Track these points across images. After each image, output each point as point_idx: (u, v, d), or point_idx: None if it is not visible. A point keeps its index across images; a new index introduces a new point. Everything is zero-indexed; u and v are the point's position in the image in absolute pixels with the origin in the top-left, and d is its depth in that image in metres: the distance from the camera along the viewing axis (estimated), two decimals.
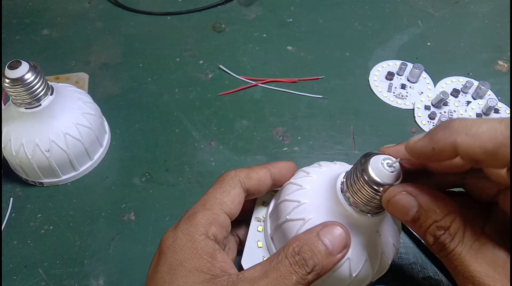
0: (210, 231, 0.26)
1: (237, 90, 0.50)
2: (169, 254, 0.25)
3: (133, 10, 0.59)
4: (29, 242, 0.38)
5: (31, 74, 0.36)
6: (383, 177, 0.24)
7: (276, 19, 0.58)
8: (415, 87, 0.50)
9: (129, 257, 0.38)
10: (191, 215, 0.27)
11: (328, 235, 0.26)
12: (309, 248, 0.25)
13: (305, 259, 0.25)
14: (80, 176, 0.43)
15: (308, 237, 0.26)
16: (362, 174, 0.24)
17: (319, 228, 0.26)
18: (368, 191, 0.25)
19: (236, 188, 0.28)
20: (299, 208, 0.28)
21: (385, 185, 0.24)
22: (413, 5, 0.61)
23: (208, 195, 0.28)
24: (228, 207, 0.28)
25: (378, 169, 0.24)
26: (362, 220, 0.26)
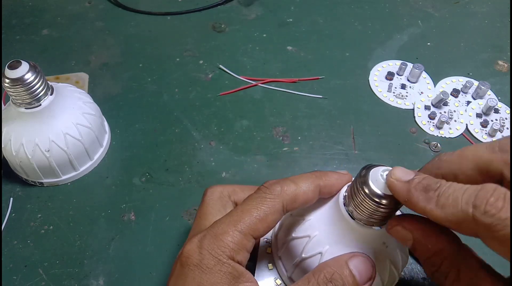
0: (238, 256, 0.25)
1: (237, 90, 0.50)
2: (197, 273, 0.24)
3: (133, 10, 0.59)
4: (29, 242, 0.38)
5: (31, 74, 0.36)
6: (384, 189, 0.24)
7: (276, 19, 0.58)
8: (415, 87, 0.50)
9: (129, 257, 0.38)
10: (219, 233, 0.25)
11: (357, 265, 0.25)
12: (340, 277, 0.25)
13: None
14: (80, 176, 0.43)
15: (338, 265, 0.25)
16: (363, 187, 0.24)
17: (348, 257, 0.25)
18: (370, 204, 0.24)
19: (276, 214, 0.26)
20: (304, 225, 0.27)
21: (386, 197, 0.24)
22: (413, 5, 0.60)
23: (243, 214, 0.25)
24: (260, 234, 0.26)
25: (378, 181, 0.24)
26: (367, 233, 0.26)
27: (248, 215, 0.25)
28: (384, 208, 0.24)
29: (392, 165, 0.30)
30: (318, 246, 0.27)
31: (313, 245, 0.27)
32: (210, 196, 0.30)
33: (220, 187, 0.31)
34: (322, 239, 0.27)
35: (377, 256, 0.27)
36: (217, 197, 0.30)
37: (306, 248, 0.27)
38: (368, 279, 0.25)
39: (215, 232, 0.25)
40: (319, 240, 0.27)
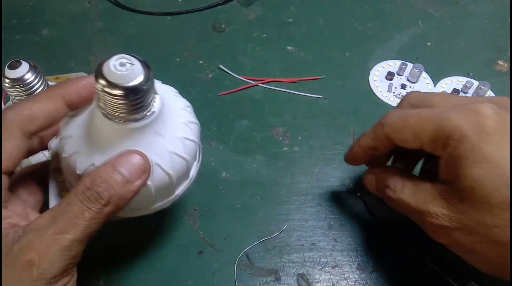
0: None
1: (237, 90, 0.50)
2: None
3: (133, 10, 0.59)
4: None
5: (31, 74, 0.36)
6: (117, 79, 0.22)
7: (276, 19, 0.58)
8: (415, 87, 0.50)
9: (129, 257, 0.37)
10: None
11: (124, 163, 0.24)
12: (103, 180, 0.23)
13: (98, 192, 0.23)
14: None
15: (101, 170, 0.24)
16: (98, 80, 0.22)
17: (114, 159, 0.24)
18: (111, 99, 0.22)
19: (15, 140, 0.24)
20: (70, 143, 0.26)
21: (120, 88, 0.22)
22: (413, 5, 0.60)
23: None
24: (10, 167, 0.24)
25: (110, 71, 0.22)
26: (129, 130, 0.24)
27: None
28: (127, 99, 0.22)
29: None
30: (88, 159, 0.25)
31: (83, 159, 0.25)
32: None
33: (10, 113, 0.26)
34: (90, 150, 0.25)
35: (152, 148, 0.25)
36: None
37: (78, 164, 0.25)
38: (141, 173, 0.25)
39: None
40: (88, 152, 0.25)
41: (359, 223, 0.40)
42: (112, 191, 0.24)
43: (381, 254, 0.38)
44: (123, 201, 0.24)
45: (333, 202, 0.41)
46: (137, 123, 0.24)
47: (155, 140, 0.26)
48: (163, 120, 0.26)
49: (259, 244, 0.38)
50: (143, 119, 0.24)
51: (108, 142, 0.25)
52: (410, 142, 0.30)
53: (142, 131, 0.25)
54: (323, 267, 0.37)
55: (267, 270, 0.37)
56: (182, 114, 0.28)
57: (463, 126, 0.27)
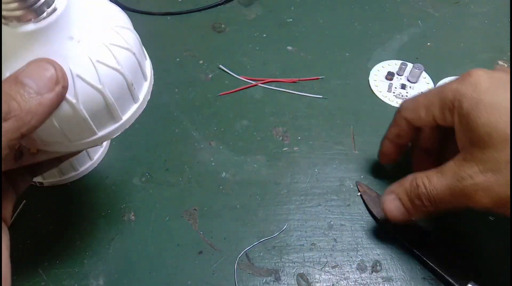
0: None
1: (237, 90, 0.50)
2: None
3: (133, 10, 0.59)
4: (29, 242, 0.38)
5: None
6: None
7: (276, 19, 0.58)
8: (415, 87, 0.50)
9: (129, 257, 0.38)
10: None
11: (29, 74, 0.21)
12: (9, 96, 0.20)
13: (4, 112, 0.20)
14: (80, 176, 0.43)
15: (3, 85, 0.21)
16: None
17: (19, 72, 0.21)
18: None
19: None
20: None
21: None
22: (413, 5, 0.61)
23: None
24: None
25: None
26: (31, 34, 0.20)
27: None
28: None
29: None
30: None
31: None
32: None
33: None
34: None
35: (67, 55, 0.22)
36: None
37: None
38: (53, 84, 0.21)
39: None
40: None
41: (359, 223, 0.40)
42: (13, 104, 0.20)
43: (381, 254, 0.38)
44: (31, 115, 0.21)
45: (333, 202, 0.41)
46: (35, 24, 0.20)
47: (69, 46, 0.21)
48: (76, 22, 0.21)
49: (259, 244, 0.38)
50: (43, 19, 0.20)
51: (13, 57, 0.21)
52: (424, 117, 0.34)
53: (47, 35, 0.21)
54: (323, 267, 0.37)
55: (267, 270, 0.37)
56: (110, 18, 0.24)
57: (461, 88, 0.31)
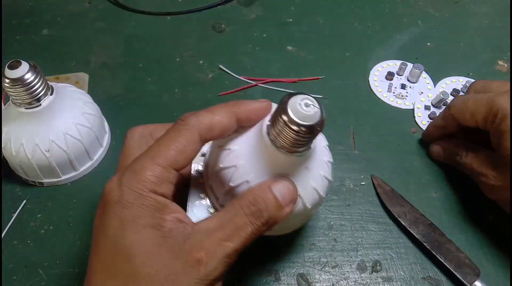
0: (160, 189, 0.25)
1: (237, 90, 0.50)
2: (117, 209, 0.24)
3: (133, 10, 0.59)
4: (29, 242, 0.38)
5: (31, 74, 0.36)
6: (301, 117, 0.24)
7: (276, 19, 0.58)
8: (415, 87, 0.50)
9: None
10: (138, 168, 0.25)
11: (280, 188, 0.26)
12: (263, 200, 0.26)
13: (260, 210, 0.25)
14: (80, 176, 0.43)
15: (261, 189, 0.26)
16: (282, 115, 0.24)
17: (271, 182, 0.27)
18: (289, 133, 0.25)
19: (194, 144, 0.26)
20: (230, 155, 0.28)
21: (304, 126, 0.24)
22: (413, 5, 0.61)
23: (161, 147, 0.25)
24: (180, 165, 0.26)
25: (296, 110, 0.24)
26: (290, 159, 0.27)
27: (165, 148, 0.25)
28: (302, 136, 0.25)
29: (392, 165, 0.30)
30: (244, 174, 0.27)
31: (239, 174, 0.27)
32: (131, 137, 0.30)
33: (140, 127, 0.30)
34: (248, 167, 0.27)
35: (299, 180, 0.28)
36: (137, 137, 0.30)
37: (234, 177, 0.27)
38: (290, 201, 0.27)
39: (134, 168, 0.25)
40: (245, 168, 0.27)
41: (359, 223, 0.40)
42: (270, 212, 0.26)
43: (381, 254, 0.38)
44: (274, 223, 0.26)
45: (333, 202, 0.41)
46: (297, 156, 0.27)
47: (303, 173, 0.28)
48: (313, 157, 0.28)
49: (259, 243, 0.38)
50: (302, 154, 0.27)
51: (266, 165, 0.27)
52: (469, 120, 0.38)
53: (295, 163, 0.27)
54: (323, 267, 0.37)
55: (267, 270, 0.37)
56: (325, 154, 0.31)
57: (506, 108, 0.34)
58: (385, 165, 0.43)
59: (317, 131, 0.25)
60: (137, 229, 0.24)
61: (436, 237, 0.38)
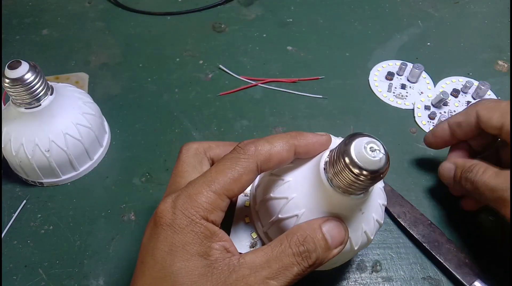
0: (211, 216, 0.25)
1: (237, 90, 0.50)
2: (169, 233, 0.24)
3: (133, 10, 0.59)
4: (29, 242, 0.38)
5: (31, 74, 0.36)
6: (365, 162, 0.23)
7: (276, 19, 0.58)
8: (415, 87, 0.50)
9: (129, 257, 0.38)
10: (194, 193, 0.25)
11: (330, 229, 0.26)
12: (312, 240, 0.25)
13: (309, 251, 0.25)
14: (80, 176, 0.43)
15: (311, 228, 0.25)
16: (344, 157, 0.23)
17: (322, 221, 0.26)
18: (349, 174, 0.24)
19: (250, 174, 0.25)
20: (283, 186, 0.27)
21: (367, 171, 0.23)
22: (413, 5, 0.60)
23: (218, 174, 0.25)
24: (234, 194, 0.25)
25: (360, 153, 0.23)
26: (344, 200, 0.26)
27: (222, 175, 0.25)
28: (364, 180, 0.24)
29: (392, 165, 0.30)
30: (295, 208, 0.27)
31: (290, 207, 0.27)
32: (186, 153, 0.30)
33: (195, 144, 0.30)
34: (300, 201, 0.27)
35: (352, 222, 0.27)
36: (192, 153, 0.30)
37: (284, 209, 0.27)
38: (339, 243, 0.26)
39: (189, 192, 0.25)
40: (296, 202, 0.27)
41: None
42: (318, 254, 0.25)
43: (381, 254, 0.38)
44: (320, 264, 0.26)
45: None
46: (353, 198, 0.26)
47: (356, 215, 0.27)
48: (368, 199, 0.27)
49: None
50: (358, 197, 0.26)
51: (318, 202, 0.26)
52: (494, 121, 0.34)
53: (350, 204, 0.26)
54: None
55: None
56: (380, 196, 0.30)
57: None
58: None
59: (379, 178, 0.24)
60: (186, 256, 0.24)
61: (436, 237, 0.38)
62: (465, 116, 0.37)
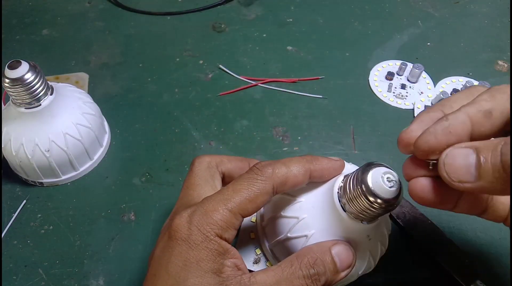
0: (224, 234, 0.25)
1: (237, 90, 0.50)
2: (184, 248, 0.25)
3: (133, 10, 0.59)
4: (29, 242, 0.38)
5: (31, 74, 0.36)
6: (381, 191, 0.24)
7: (276, 19, 0.58)
8: (415, 87, 0.50)
9: (129, 257, 0.38)
10: (210, 210, 0.25)
11: (339, 253, 0.26)
12: (322, 263, 0.26)
13: (318, 274, 0.25)
14: (80, 176, 0.43)
15: (321, 251, 0.26)
16: (361, 184, 0.24)
17: (331, 244, 0.26)
18: (364, 202, 0.24)
19: (266, 195, 0.26)
20: (294, 206, 0.28)
21: (382, 199, 0.24)
22: (413, 5, 0.60)
23: (234, 193, 0.26)
24: (248, 213, 0.26)
25: (377, 183, 0.24)
26: (354, 225, 0.26)
27: (238, 195, 0.26)
28: (377, 208, 0.24)
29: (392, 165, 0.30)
30: (305, 229, 0.27)
31: (300, 227, 0.27)
32: (198, 166, 0.30)
33: (208, 157, 0.31)
34: (310, 222, 0.27)
35: (359, 246, 0.27)
36: (205, 167, 0.30)
37: (293, 229, 0.27)
38: (347, 267, 0.27)
39: (206, 209, 0.25)
40: (307, 223, 0.27)
41: None
42: (327, 277, 0.26)
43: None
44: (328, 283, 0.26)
45: None
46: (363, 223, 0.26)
47: (364, 241, 0.28)
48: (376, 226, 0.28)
49: None
50: (368, 223, 0.27)
51: (329, 225, 0.27)
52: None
53: (359, 230, 0.27)
54: None
55: None
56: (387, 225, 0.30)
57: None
58: None
59: (392, 208, 0.25)
60: (199, 273, 0.24)
61: (436, 237, 0.38)
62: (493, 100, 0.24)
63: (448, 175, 0.22)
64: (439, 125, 0.24)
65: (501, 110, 0.24)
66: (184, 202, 0.28)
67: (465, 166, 0.22)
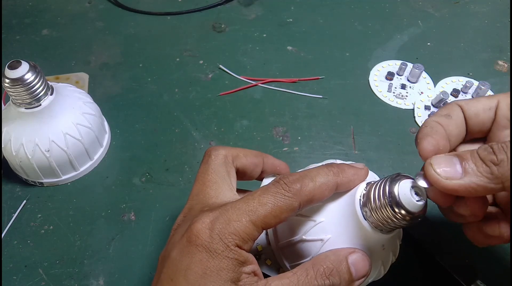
0: (244, 245, 0.25)
1: (237, 90, 0.50)
2: (205, 255, 0.24)
3: (133, 10, 0.59)
4: (29, 242, 0.38)
5: (31, 74, 0.36)
6: (408, 204, 0.24)
7: (276, 19, 0.58)
8: (415, 87, 0.50)
9: (129, 257, 0.38)
10: (233, 220, 0.25)
11: (355, 262, 0.26)
12: (338, 274, 0.25)
13: (333, 285, 0.25)
14: (80, 176, 0.43)
15: (338, 260, 0.26)
16: (389, 195, 0.24)
17: (348, 252, 0.26)
18: (389, 213, 0.24)
19: (291, 212, 0.26)
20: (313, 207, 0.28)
21: (408, 212, 0.24)
22: (413, 5, 0.60)
23: (260, 206, 0.25)
24: (269, 227, 0.26)
25: (405, 195, 0.24)
26: (373, 235, 0.26)
27: (264, 208, 0.25)
28: (400, 219, 0.24)
29: (392, 165, 0.30)
30: (321, 232, 0.27)
31: (317, 230, 0.27)
32: (215, 159, 0.30)
33: (223, 150, 0.30)
34: (327, 227, 0.27)
35: (373, 255, 0.27)
36: (221, 161, 0.30)
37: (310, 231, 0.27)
38: (362, 276, 0.26)
39: (229, 218, 0.25)
40: (324, 227, 0.27)
41: None
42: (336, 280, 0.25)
43: None
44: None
45: None
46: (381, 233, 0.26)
47: (378, 250, 0.28)
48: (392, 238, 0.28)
49: None
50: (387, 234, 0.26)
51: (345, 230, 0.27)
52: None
53: (376, 239, 0.27)
54: None
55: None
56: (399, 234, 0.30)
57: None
58: (385, 165, 0.43)
59: (416, 221, 0.25)
60: (219, 282, 0.24)
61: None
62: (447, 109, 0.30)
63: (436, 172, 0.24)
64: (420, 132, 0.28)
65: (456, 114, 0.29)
66: (201, 200, 0.28)
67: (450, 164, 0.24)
